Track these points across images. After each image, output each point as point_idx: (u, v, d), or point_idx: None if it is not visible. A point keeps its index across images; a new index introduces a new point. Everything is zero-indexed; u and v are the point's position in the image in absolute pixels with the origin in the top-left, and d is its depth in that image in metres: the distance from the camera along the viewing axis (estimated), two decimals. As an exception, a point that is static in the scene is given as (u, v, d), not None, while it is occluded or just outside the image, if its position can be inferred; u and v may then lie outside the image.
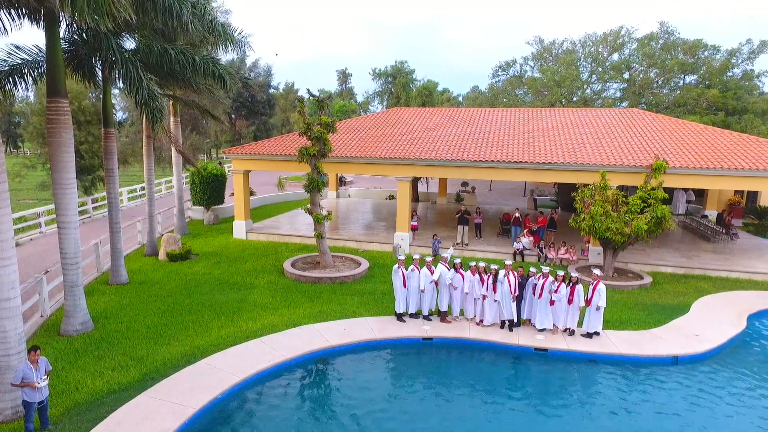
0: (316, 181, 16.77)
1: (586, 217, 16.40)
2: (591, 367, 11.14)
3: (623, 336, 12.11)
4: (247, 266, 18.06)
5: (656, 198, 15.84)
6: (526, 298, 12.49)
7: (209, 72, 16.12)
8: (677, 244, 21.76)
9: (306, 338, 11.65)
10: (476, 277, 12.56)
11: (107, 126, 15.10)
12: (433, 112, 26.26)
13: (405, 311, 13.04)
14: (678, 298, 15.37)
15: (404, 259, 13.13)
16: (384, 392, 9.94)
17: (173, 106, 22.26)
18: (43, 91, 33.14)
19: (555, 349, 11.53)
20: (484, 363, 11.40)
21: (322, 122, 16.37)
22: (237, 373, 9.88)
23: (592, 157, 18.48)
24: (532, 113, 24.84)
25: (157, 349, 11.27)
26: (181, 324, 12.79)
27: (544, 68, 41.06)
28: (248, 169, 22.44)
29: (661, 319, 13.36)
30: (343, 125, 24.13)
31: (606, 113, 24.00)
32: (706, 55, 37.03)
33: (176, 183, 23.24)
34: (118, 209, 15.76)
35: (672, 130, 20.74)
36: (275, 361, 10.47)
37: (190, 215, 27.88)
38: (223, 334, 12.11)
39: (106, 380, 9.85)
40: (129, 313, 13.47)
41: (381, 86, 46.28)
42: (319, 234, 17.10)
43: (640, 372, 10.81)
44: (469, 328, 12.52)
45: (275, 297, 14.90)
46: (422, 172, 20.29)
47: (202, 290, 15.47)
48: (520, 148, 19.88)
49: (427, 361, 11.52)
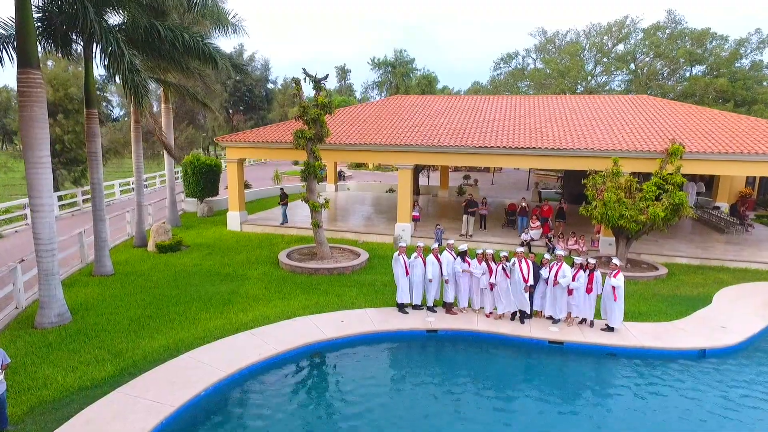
0: (312, 166, 15.83)
1: (599, 205, 15.48)
2: (611, 361, 10.22)
3: (644, 328, 11.20)
4: (240, 258, 17.14)
5: (674, 183, 14.91)
6: (539, 288, 11.58)
7: (199, 51, 15.21)
8: (690, 236, 20.85)
9: (300, 331, 10.73)
10: (483, 265, 11.64)
11: (90, 107, 14.17)
12: (435, 99, 25.34)
13: (408, 302, 12.14)
14: (697, 289, 14.46)
15: (405, 246, 12.21)
16: (384, 389, 9.01)
17: (164, 92, 21.34)
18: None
19: (571, 341, 10.60)
20: (493, 357, 10.48)
21: (318, 103, 15.41)
22: (223, 367, 8.95)
23: (603, 143, 17.56)
24: (538, 100, 23.92)
25: (138, 343, 10.35)
26: (166, 316, 11.88)
27: (547, 59, 40.10)
28: (242, 157, 21.52)
29: (682, 310, 12.45)
30: (343, 113, 23.21)
31: (615, 99, 23.08)
32: (714, 45, 36.09)
33: (168, 173, 22.29)
34: (102, 196, 14.85)
35: (685, 116, 19.82)
36: (266, 354, 9.55)
37: (183, 207, 26.96)
38: (211, 326, 11.19)
39: (79, 376, 8.93)
40: (111, 304, 12.55)
41: (380, 76, 45.10)
42: (316, 223, 16.17)
43: (665, 366, 9.88)
44: (477, 319, 11.60)
45: (269, 288, 13.99)
46: (424, 159, 19.36)
47: (192, 282, 14.56)
48: (527, 134, 18.95)
49: (431, 354, 10.60)
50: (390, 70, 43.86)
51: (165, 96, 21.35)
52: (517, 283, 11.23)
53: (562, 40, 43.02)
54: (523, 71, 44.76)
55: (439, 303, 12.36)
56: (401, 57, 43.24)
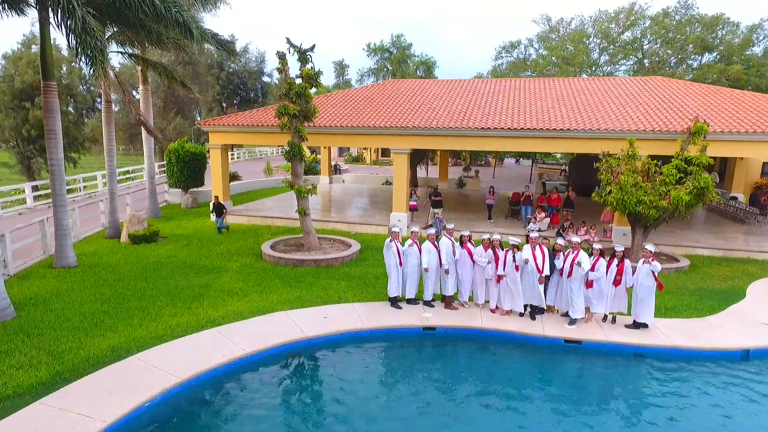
0: (297, 146, 14.31)
1: (614, 190, 13.97)
2: (638, 363, 8.74)
3: (674, 325, 9.70)
4: (220, 249, 15.65)
5: (700, 164, 13.40)
6: (552, 280, 10.08)
7: (172, 19, 13.67)
8: (707, 226, 19.36)
9: (275, 328, 9.23)
10: (489, 252, 10.14)
11: (47, 79, 12.66)
12: (434, 83, 23.83)
13: (401, 296, 10.65)
14: (726, 282, 12.97)
15: (399, 232, 10.70)
16: (370, 400, 7.50)
17: (142, 72, 19.83)
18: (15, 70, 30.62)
19: (591, 340, 9.11)
20: (500, 359, 9.00)
21: (303, 75, 13.88)
22: (177, 372, 7.46)
23: (617, 123, 16.06)
24: (544, 82, 22.40)
25: (85, 342, 8.85)
26: (125, 312, 10.38)
27: (550, 46, 38.54)
28: (227, 143, 20.02)
29: (714, 305, 10.96)
30: (335, 96, 21.71)
31: (626, 81, 21.57)
32: (726, 32, 34.56)
33: (147, 161, 20.80)
34: (63, 179, 13.35)
35: (704, 96, 18.32)
36: (231, 356, 8.05)
37: (167, 199, 25.47)
38: (174, 323, 9.70)
39: (4, 382, 7.42)
40: (65, 299, 11.04)
41: (376, 63, 43.29)
42: (302, 210, 14.67)
43: (701, 369, 8.39)
44: (481, 315, 10.10)
45: (247, 281, 12.50)
46: (422, 143, 17.84)
47: (162, 274, 13.07)
48: (534, 115, 17.44)
49: (427, 356, 9.10)
50: (387, 57, 41.97)
51: (143, 76, 19.84)
52: (530, 274, 9.73)
53: (567, 28, 41.48)
54: (525, 61, 43.20)
55: (438, 297, 10.87)
56: (398, 42, 41.30)
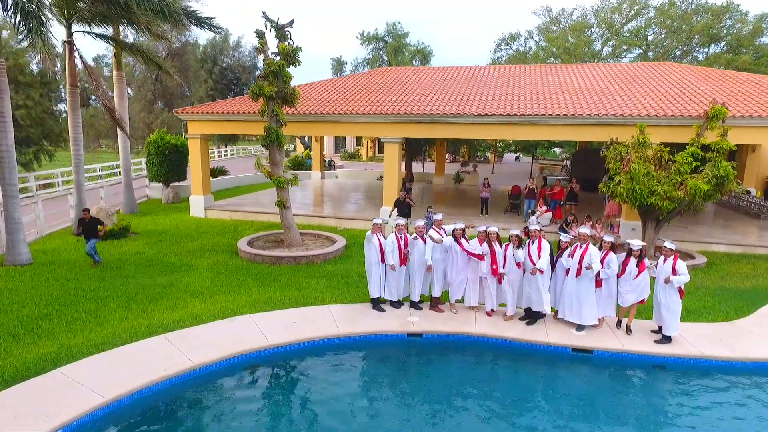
0: (275, 131, 12.99)
1: (624, 179, 12.67)
2: (659, 375, 7.44)
3: (699, 330, 8.41)
4: (193, 245, 14.35)
5: (721, 150, 12.09)
6: (557, 280, 8.78)
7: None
8: (721, 221, 18.07)
9: (235, 335, 7.93)
10: (485, 246, 8.84)
11: (-7, 55, 11.38)
12: (429, 70, 22.53)
13: (382, 297, 9.36)
14: (749, 281, 11.67)
15: (382, 224, 9.41)
16: (333, 426, 6.20)
17: (116, 57, 18.50)
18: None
19: (603, 349, 7.79)
20: (498, 370, 7.71)
21: (280, 51, 12.55)
22: (103, 390, 6.15)
23: (625, 108, 14.75)
24: (547, 68, 21.09)
25: (12, 351, 7.56)
26: (70, 315, 9.08)
27: (551, 37, 37.21)
28: (205, 132, 18.71)
29: (741, 306, 9.66)
30: (323, 84, 20.41)
31: (634, 67, 20.25)
32: (734, 21, 33.27)
33: (122, 153, 19.46)
34: (13, 166, 12.07)
35: (719, 80, 17.01)
36: (174, 370, 6.73)
37: (148, 194, 24.18)
38: (121, 328, 8.39)
39: None
40: (5, 300, 9.73)
41: (371, 53, 41.88)
42: (282, 202, 13.37)
43: (735, 383, 7.09)
44: (475, 319, 8.80)
45: (216, 281, 11.20)
46: (415, 131, 16.52)
47: (124, 273, 11.76)
48: (536, 101, 16.13)
49: (412, 367, 7.81)
50: (382, 46, 40.48)
51: (117, 61, 18.50)
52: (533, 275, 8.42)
53: (568, 19, 40.17)
54: (525, 54, 41.87)
55: (426, 298, 9.59)
56: (394, 30, 39.78)
